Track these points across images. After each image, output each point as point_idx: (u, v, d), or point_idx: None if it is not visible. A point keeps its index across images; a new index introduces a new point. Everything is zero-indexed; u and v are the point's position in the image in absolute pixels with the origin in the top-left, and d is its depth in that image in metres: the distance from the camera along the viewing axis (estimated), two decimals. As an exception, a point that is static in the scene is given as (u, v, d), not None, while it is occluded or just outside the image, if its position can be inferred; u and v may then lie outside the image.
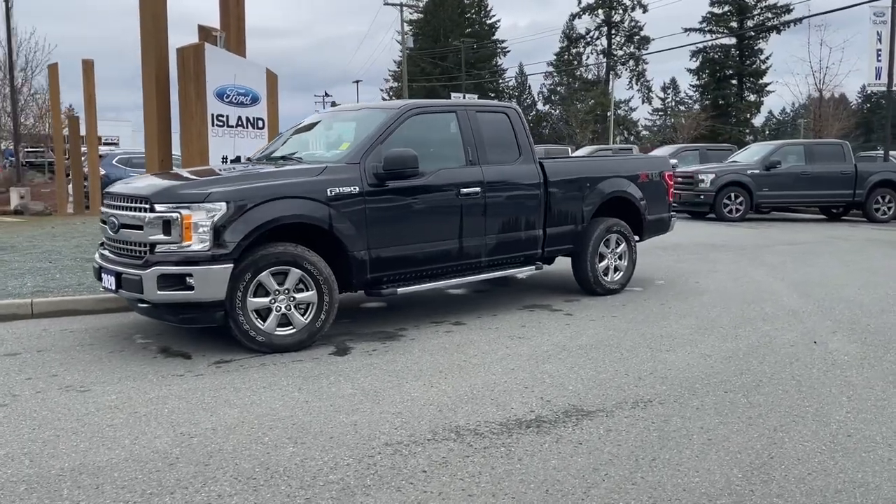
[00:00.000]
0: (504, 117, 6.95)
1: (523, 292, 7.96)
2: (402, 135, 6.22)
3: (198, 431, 3.89)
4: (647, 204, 8.01)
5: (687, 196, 17.09)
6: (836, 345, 5.65)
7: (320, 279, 5.52)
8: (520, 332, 6.11)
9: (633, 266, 7.95)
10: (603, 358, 5.31)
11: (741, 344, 5.69)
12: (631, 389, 4.60)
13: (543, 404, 4.32)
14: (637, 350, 5.53)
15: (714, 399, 4.41)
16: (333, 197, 5.63)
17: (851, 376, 4.85)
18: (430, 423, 4.02)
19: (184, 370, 5.04)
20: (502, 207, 6.71)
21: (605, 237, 7.60)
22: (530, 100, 76.18)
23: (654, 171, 8.12)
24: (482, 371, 5.00)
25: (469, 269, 6.62)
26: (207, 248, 5.16)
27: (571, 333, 6.05)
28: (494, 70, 71.45)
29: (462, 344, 5.72)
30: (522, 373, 4.96)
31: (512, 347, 5.62)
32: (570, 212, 7.30)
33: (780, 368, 5.03)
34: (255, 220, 5.27)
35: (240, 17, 9.64)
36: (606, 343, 5.73)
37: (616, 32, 63.36)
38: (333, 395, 4.50)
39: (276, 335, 5.45)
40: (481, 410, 4.22)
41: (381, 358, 5.35)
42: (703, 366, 5.11)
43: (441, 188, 6.26)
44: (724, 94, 60.96)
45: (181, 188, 5.36)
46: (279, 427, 3.96)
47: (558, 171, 7.23)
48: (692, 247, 11.77)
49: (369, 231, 5.82)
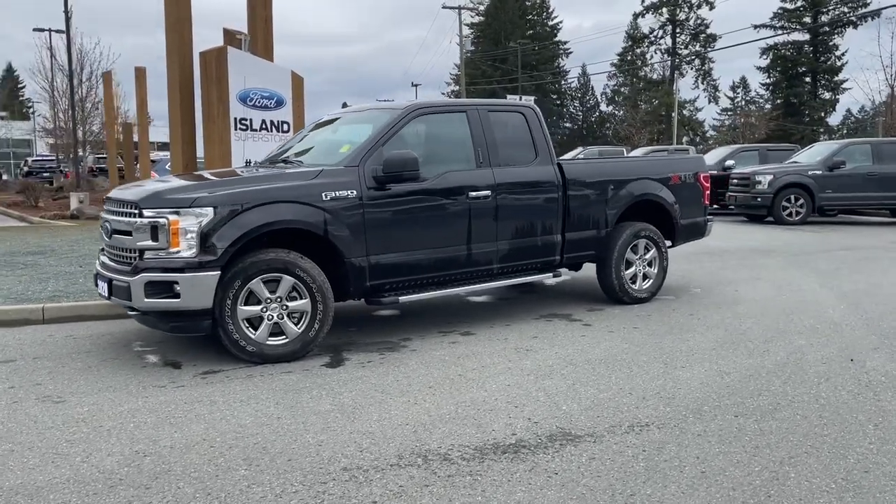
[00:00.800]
0: (520, 117, 6.61)
1: (547, 300, 7.59)
2: (407, 136, 5.96)
3: (154, 450, 3.69)
4: (680, 207, 7.53)
5: (743, 199, 16.34)
6: (875, 363, 5.12)
7: (313, 287, 5.29)
8: (529, 343, 5.76)
9: (664, 273, 7.48)
10: (610, 374, 4.92)
11: (767, 360, 5.21)
12: (630, 411, 4.21)
13: (529, 426, 3.98)
14: (650, 366, 5.12)
15: (720, 424, 3.98)
16: (329, 201, 5.39)
17: (886, 400, 4.34)
18: (399, 445, 3.73)
19: (168, 381, 4.88)
20: (516, 211, 6.36)
21: (632, 242, 7.17)
22: (593, 101, 75.07)
23: (688, 173, 7.64)
24: (475, 387, 4.68)
25: (480, 277, 6.30)
26: (194, 255, 4.99)
27: (584, 346, 5.67)
28: (556, 71, 70.63)
29: (464, 356, 5.41)
30: (518, 389, 4.62)
31: (515, 361, 5.28)
32: (591, 216, 6.89)
33: (805, 389, 4.56)
34: (243, 225, 5.08)
35: (267, 19, 9.58)
36: (618, 357, 5.33)
37: (681, 31, 61.79)
38: (309, 411, 4.26)
39: (268, 345, 5.25)
40: (459, 432, 3.90)
41: (374, 370, 5.08)
42: (719, 385, 4.67)
43: (447, 191, 5.96)
44: (796, 92, 58.75)
45: (169, 193, 5.21)
46: (240, 446, 3.73)
47: (578, 172, 6.84)
48: (741, 252, 11.15)
49: (368, 237, 5.57)
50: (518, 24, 67.99)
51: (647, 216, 7.43)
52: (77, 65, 24.89)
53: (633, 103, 62.31)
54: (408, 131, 5.98)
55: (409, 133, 5.99)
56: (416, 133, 6.07)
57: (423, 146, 6.15)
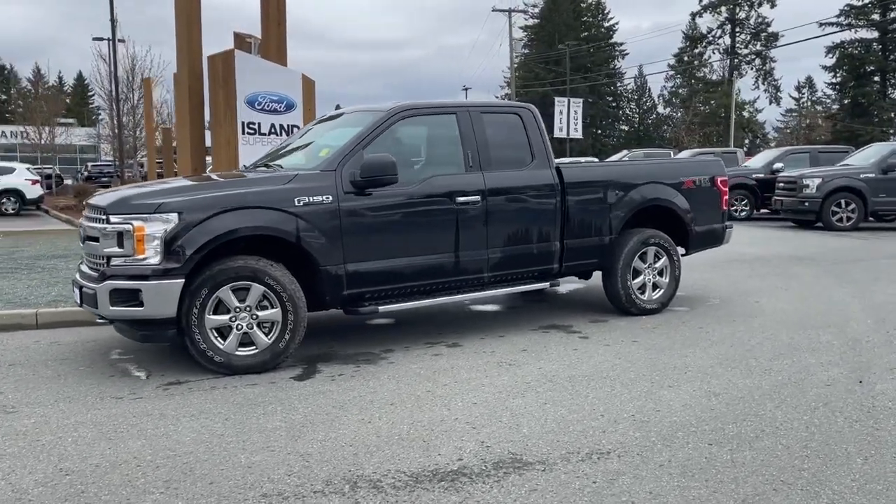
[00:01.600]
0: (516, 119, 6.30)
1: (552, 309, 7.25)
2: (390, 139, 5.73)
3: (79, 468, 3.54)
4: (694, 213, 7.10)
5: (790, 203, 15.62)
6: (886, 386, 4.66)
7: (284, 296, 5.10)
8: (516, 357, 5.46)
9: (677, 283, 7.06)
10: (588, 393, 4.59)
11: (766, 381, 4.80)
12: (596, 435, 3.88)
13: (479, 451, 3.69)
14: (635, 384, 4.76)
15: (689, 453, 3.62)
16: (302, 207, 5.20)
17: (885, 430, 3.91)
18: (333, 469, 3.49)
19: (128, 392, 4.75)
20: (508, 217, 6.06)
21: (640, 250, 6.78)
22: (650, 103, 73.68)
23: (703, 177, 7.21)
24: (439, 405, 4.41)
25: (470, 286, 6.02)
26: (159, 262, 4.85)
27: (572, 361, 5.34)
28: (611, 73, 69.55)
29: (441, 370, 5.14)
30: (483, 408, 4.33)
31: (493, 376, 4.98)
32: (594, 222, 6.54)
33: (798, 415, 4.15)
34: (208, 231, 4.92)
35: (280, 22, 9.48)
36: (604, 374, 4.99)
37: (741, 30, 60.05)
38: (256, 428, 4.05)
39: (237, 356, 5.07)
40: (402, 456, 3.64)
41: (342, 384, 4.85)
42: (703, 408, 4.29)
43: (432, 196, 5.70)
44: (864, 91, 56.38)
45: (135, 199, 5.09)
46: (168, 466, 3.55)
47: (579, 176, 6.50)
48: (776, 260, 10.56)
49: (346, 244, 5.35)
50: (573, 25, 67.18)
51: (657, 223, 7.03)
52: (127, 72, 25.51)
53: (690, 104, 60.88)
54: (392, 134, 5.74)
55: (394, 136, 5.76)
56: (401, 136, 5.84)
57: (409, 150, 5.93)
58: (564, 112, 39.61)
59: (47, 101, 34.45)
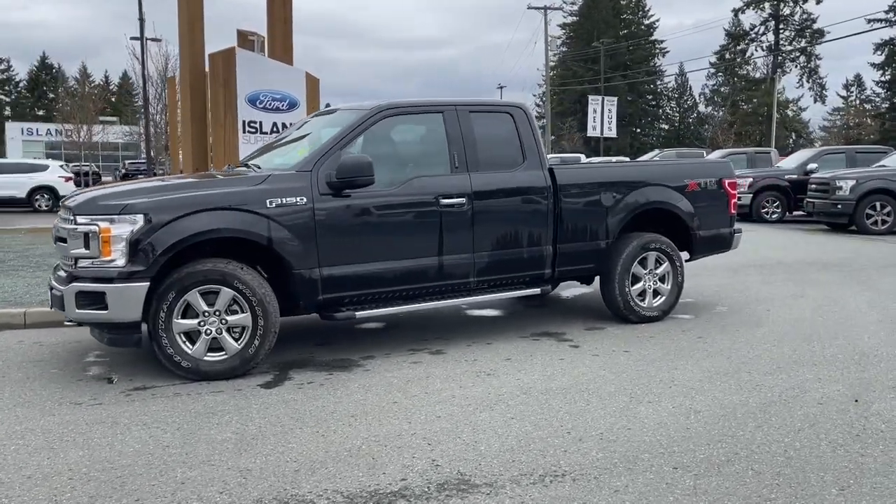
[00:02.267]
0: (507, 118, 6.07)
1: (551, 315, 7.00)
2: (372, 139, 5.55)
3: (10, 479, 3.43)
4: (699, 217, 6.78)
5: (822, 206, 15.06)
6: (884, 406, 4.33)
7: (253, 300, 4.95)
8: (497, 366, 5.24)
9: (679, 289, 6.75)
10: (561, 407, 4.35)
11: (754, 398, 4.50)
12: (556, 455, 3.65)
13: (427, 470, 3.49)
14: (613, 399, 4.50)
15: (650, 478, 3.37)
16: (274, 208, 5.04)
17: (870, 456, 3.60)
18: (267, 488, 3.32)
19: (89, 397, 4.65)
20: (497, 220, 5.83)
21: (639, 255, 6.49)
22: (691, 101, 72.44)
23: (709, 179, 6.88)
24: (401, 418, 4.21)
25: (456, 291, 5.80)
26: (124, 265, 4.74)
27: (554, 372, 5.10)
28: (651, 71, 68.51)
29: (415, 380, 4.94)
30: (446, 423, 4.12)
31: (467, 387, 4.77)
32: (589, 226, 6.27)
33: (779, 437, 3.86)
34: (174, 233, 4.79)
35: (286, 20, 9.38)
36: (584, 387, 4.74)
37: (785, 26, 58.56)
38: (205, 439, 3.91)
39: (205, 361, 4.94)
40: (345, 474, 3.46)
41: (309, 393, 4.69)
42: (678, 426, 4.02)
43: (414, 198, 5.50)
44: (914, 89, 54.65)
45: (102, 199, 4.99)
46: (99, 479, 3.42)
47: (573, 178, 6.23)
48: (797, 265, 10.13)
49: (321, 247, 5.18)
50: (612, 23, 66.28)
51: (660, 226, 6.74)
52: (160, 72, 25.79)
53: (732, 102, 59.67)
54: (374, 134, 5.56)
55: (376, 136, 5.57)
56: (383, 136, 5.66)
57: (391, 150, 5.74)
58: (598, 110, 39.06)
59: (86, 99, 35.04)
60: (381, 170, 5.48)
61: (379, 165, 5.33)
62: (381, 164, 5.47)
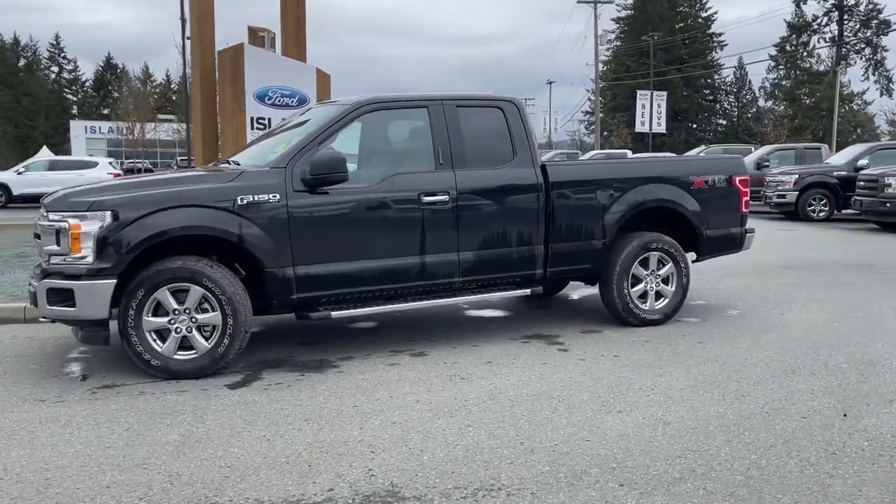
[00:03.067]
0: (498, 113, 5.86)
1: (550, 317, 6.77)
2: (352, 135, 5.42)
3: (-58, 477, 3.41)
4: (706, 215, 6.46)
5: (870, 203, 14.36)
6: (874, 421, 4.00)
7: (223, 299, 4.87)
8: (474, 370, 5.06)
9: (684, 291, 6.43)
10: (524, 415, 4.15)
11: (735, 409, 4.22)
12: (500, 467, 3.46)
13: (359, 480, 3.34)
14: (581, 407, 4.28)
15: (590, 496, 3.16)
16: (245, 206, 4.96)
17: (839, 478, 3.31)
18: (189, 495, 3.22)
19: (56, 394, 4.64)
20: (482, 219, 5.64)
21: (640, 255, 6.21)
22: (750, 95, 70.39)
23: (717, 176, 6.54)
24: (355, 423, 4.07)
25: (440, 291, 5.63)
26: (92, 262, 4.72)
27: (530, 377, 4.89)
28: (708, 65, 66.82)
29: (384, 382, 4.80)
30: (399, 429, 3.97)
31: (436, 392, 4.61)
32: (584, 225, 6.02)
33: (747, 453, 3.59)
34: (142, 230, 4.75)
35: (299, 17, 9.32)
36: (556, 394, 4.53)
37: (849, 17, 56.38)
38: (150, 441, 3.84)
39: (175, 360, 4.89)
40: (275, 482, 3.34)
41: (273, 395, 4.59)
42: (641, 439, 3.79)
43: (394, 196, 5.35)
44: None
45: (73, 196, 4.98)
46: (28, 481, 3.37)
47: (565, 175, 6.00)
48: (831, 266, 9.64)
49: (295, 245, 5.08)
50: (667, 16, 64.81)
51: (664, 226, 6.44)
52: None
53: (793, 97, 57.78)
54: (354, 130, 5.44)
55: (355, 132, 5.45)
56: (364, 131, 5.53)
57: (372, 146, 5.60)
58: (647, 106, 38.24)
59: (141, 97, 35.87)
60: (362, 166, 5.36)
61: (359, 162, 5.20)
62: (362, 161, 5.34)
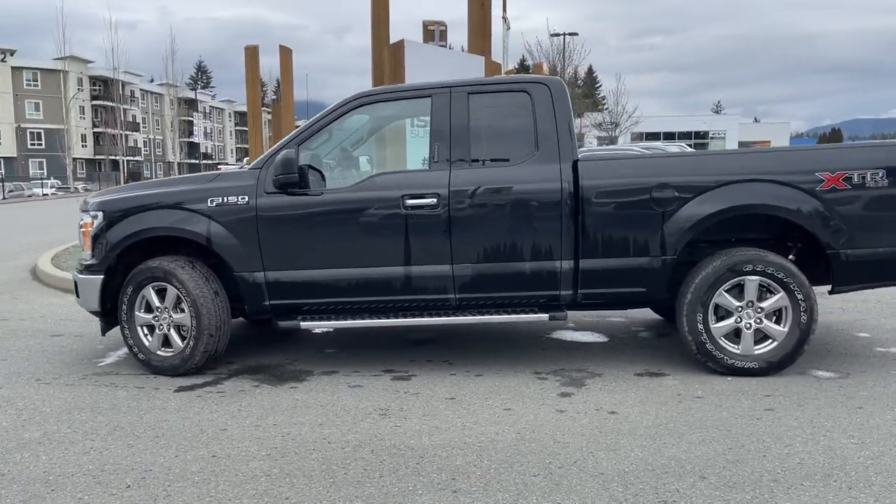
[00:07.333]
0: (524, 98, 4.81)
1: (618, 351, 5.43)
2: (343, 132, 4.98)
3: None
4: (847, 228, 4.54)
5: None
6: None
7: (188, 300, 4.86)
8: (432, 407, 4.26)
9: (805, 334, 4.59)
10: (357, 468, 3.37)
11: None
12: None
13: None
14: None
15: None
16: (214, 207, 4.86)
17: None
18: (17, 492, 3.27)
19: (52, 377, 5.06)
20: (483, 226, 4.70)
21: (727, 280, 4.61)
22: None
23: (868, 171, 4.53)
24: (225, 444, 3.74)
25: (433, 307, 4.86)
26: (89, 258, 5.10)
27: (465, 423, 3.95)
28: None
29: (328, 404, 4.34)
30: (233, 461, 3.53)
31: (346, 427, 3.98)
32: (631, 236, 4.66)
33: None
34: (122, 231, 4.98)
35: (485, 4, 8.90)
36: (472, 446, 3.59)
37: None
38: (61, 439, 3.90)
39: (156, 356, 5.03)
40: (95, 490, 3.21)
41: (211, 404, 4.39)
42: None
43: (371, 197, 4.75)
44: None
45: (93, 196, 5.38)
46: None
47: (604, 173, 4.70)
48: None
49: (265, 249, 4.83)
50: None
51: (768, 240, 4.71)
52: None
53: None
54: (345, 126, 4.97)
55: (346, 128, 4.98)
56: (355, 128, 5.02)
57: (364, 143, 5.06)
58: None
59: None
60: (345, 165, 4.88)
61: (341, 160, 4.75)
62: (345, 160, 4.86)
